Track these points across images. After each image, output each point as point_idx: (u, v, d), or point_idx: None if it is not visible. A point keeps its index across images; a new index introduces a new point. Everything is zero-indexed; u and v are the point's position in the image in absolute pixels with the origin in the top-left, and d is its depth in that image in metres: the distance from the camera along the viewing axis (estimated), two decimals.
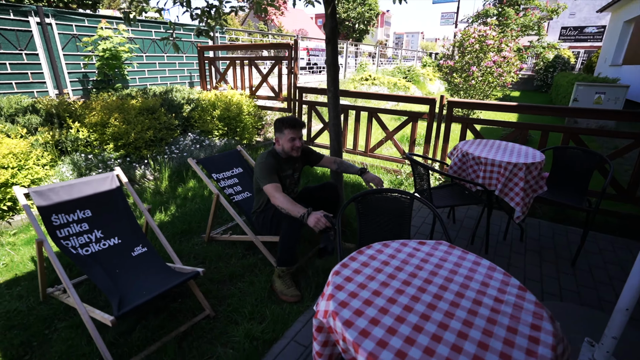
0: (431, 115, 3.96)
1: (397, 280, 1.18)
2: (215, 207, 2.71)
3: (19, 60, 4.51)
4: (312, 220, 1.89)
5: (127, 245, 2.21)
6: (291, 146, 2.33)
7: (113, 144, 3.64)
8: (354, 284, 1.16)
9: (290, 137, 2.31)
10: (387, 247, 1.40)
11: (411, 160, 2.68)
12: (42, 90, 4.78)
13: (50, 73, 4.81)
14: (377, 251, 1.37)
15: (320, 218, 1.87)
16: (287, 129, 2.31)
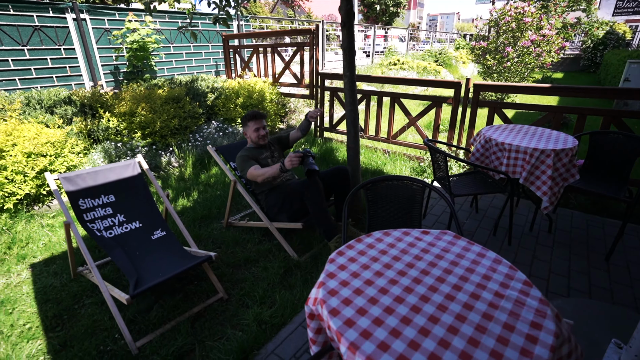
0: (456, 100, 3.76)
1: (392, 270, 1.15)
2: (232, 193, 2.78)
3: (58, 55, 4.80)
4: (287, 163, 2.22)
5: (148, 229, 2.33)
6: (257, 135, 2.60)
7: (140, 133, 3.82)
8: (347, 272, 1.15)
9: (254, 128, 2.60)
10: (387, 236, 1.36)
11: (429, 147, 2.57)
12: (79, 82, 5.07)
13: (86, 66, 5.09)
14: (377, 240, 1.33)
15: (291, 156, 2.21)
16: (250, 122, 2.61)
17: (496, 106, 3.52)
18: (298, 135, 2.94)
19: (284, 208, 2.50)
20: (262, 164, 2.61)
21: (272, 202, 2.58)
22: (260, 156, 2.63)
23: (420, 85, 4.15)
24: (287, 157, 2.23)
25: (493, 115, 3.58)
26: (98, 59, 5.24)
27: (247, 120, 2.63)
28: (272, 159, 2.71)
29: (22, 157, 2.85)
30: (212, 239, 2.80)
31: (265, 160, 2.64)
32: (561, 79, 12.26)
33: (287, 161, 2.23)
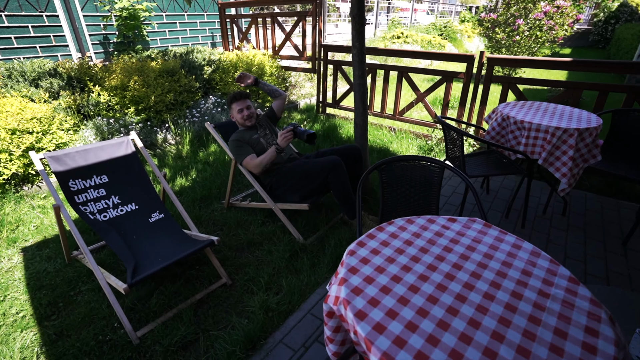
0: (468, 75, 3.56)
1: (420, 264, 1.03)
2: (233, 173, 2.63)
3: (40, 22, 4.47)
4: (281, 142, 2.27)
5: (145, 211, 2.19)
6: (242, 116, 2.53)
7: (134, 108, 3.60)
8: (370, 266, 1.02)
9: (237, 110, 2.53)
10: (411, 224, 1.23)
11: (443, 123, 2.41)
12: (65, 53, 4.77)
13: (72, 35, 4.77)
14: (400, 228, 1.21)
15: (282, 134, 2.26)
16: (233, 104, 2.55)
17: (510, 82, 3.33)
18: (277, 103, 2.79)
19: (298, 186, 2.38)
20: (254, 145, 2.50)
21: (283, 180, 2.44)
22: (252, 137, 2.52)
23: (433, 58, 3.92)
24: (279, 137, 2.27)
25: (507, 92, 3.39)
26: (85, 27, 4.90)
27: (230, 103, 2.57)
28: (264, 137, 2.59)
29: (6, 134, 2.66)
30: (213, 220, 2.67)
31: (257, 141, 2.53)
32: (569, 55, 11.88)
33: (281, 140, 2.27)
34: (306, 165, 2.34)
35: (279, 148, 2.30)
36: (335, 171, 2.25)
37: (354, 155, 2.55)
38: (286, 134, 2.26)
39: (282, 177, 2.43)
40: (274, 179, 2.49)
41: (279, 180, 2.45)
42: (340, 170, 2.26)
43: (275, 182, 2.49)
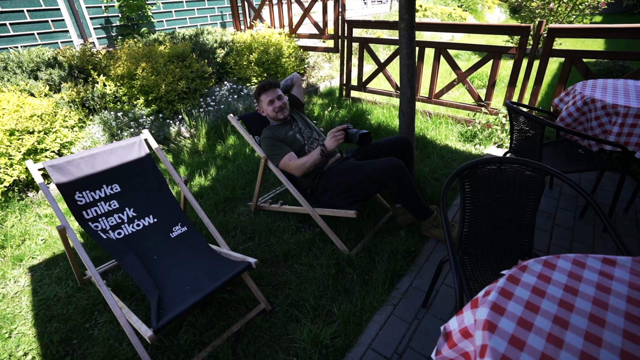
0: (521, 49, 3.08)
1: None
2: (262, 172, 2.27)
3: (37, 6, 4.07)
4: (330, 144, 1.90)
5: (165, 224, 1.87)
6: (273, 109, 2.18)
7: (143, 99, 3.24)
8: (532, 312, 0.67)
9: (268, 101, 2.18)
10: (552, 269, 0.86)
11: (512, 110, 2.00)
12: (66, 40, 4.38)
13: (72, 19, 4.36)
14: (541, 277, 0.84)
15: (332, 135, 1.90)
16: (261, 95, 2.20)
17: (576, 56, 2.85)
18: (295, 89, 2.49)
19: (349, 193, 2.02)
20: (291, 142, 2.17)
21: (329, 185, 2.09)
22: (287, 134, 2.19)
23: (482, 32, 3.44)
24: (327, 138, 1.93)
25: (569, 68, 2.92)
26: (85, 10, 4.49)
27: (258, 95, 2.23)
28: (300, 132, 2.26)
29: (3, 135, 2.34)
30: (241, 227, 2.35)
31: (294, 137, 2.20)
32: (603, 23, 10.99)
33: (330, 141, 1.90)
34: (360, 169, 1.97)
35: (325, 151, 1.94)
36: (399, 178, 1.90)
37: (403, 149, 2.18)
38: (337, 133, 1.89)
39: (329, 181, 2.08)
40: (316, 182, 2.14)
41: (325, 185, 2.10)
42: (404, 176, 1.90)
43: (318, 187, 2.14)
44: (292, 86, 2.44)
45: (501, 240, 1.45)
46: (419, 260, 1.99)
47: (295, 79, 2.46)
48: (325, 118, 3.97)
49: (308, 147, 2.21)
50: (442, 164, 2.97)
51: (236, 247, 2.18)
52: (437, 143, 3.39)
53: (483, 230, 1.44)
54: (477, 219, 1.43)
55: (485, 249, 1.46)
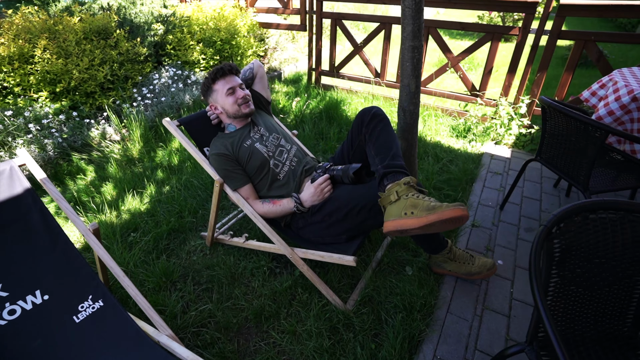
0: (525, 30, 2.63)
1: None
2: (218, 198, 1.62)
3: None
4: (308, 198, 1.45)
5: (63, 302, 1.17)
6: (234, 101, 1.56)
7: (48, 91, 2.37)
8: None
9: (226, 91, 1.56)
10: None
11: (552, 107, 1.52)
12: None
13: None
14: None
15: (316, 189, 1.44)
16: (216, 84, 1.57)
17: (589, 39, 2.44)
18: (257, 81, 1.82)
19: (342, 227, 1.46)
20: (250, 158, 1.57)
21: (313, 218, 1.50)
22: (243, 144, 1.57)
23: (480, 8, 2.93)
24: (307, 192, 1.47)
25: (579, 53, 2.52)
26: None
27: (211, 83, 1.59)
28: (261, 141, 1.62)
29: None
30: (193, 273, 1.70)
31: (251, 149, 1.57)
32: None
33: (311, 197, 1.45)
34: (357, 196, 1.39)
35: (300, 208, 1.48)
36: None
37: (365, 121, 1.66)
38: (323, 186, 1.45)
39: (312, 213, 1.49)
40: (295, 215, 1.55)
41: (305, 217, 1.51)
42: None
43: (296, 220, 1.54)
44: (252, 79, 1.77)
45: (597, 324, 0.96)
46: (438, 315, 1.49)
47: (257, 67, 1.79)
48: (292, 110, 3.32)
49: (275, 161, 1.59)
50: (439, 167, 2.48)
51: (186, 308, 1.54)
52: (428, 140, 2.90)
53: (572, 311, 0.94)
54: (564, 295, 0.92)
55: (574, 338, 0.97)
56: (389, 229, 1.18)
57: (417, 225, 1.11)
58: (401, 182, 1.21)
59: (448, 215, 1.07)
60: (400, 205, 1.17)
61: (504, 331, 1.43)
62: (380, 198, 1.25)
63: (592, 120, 1.34)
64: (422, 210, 1.12)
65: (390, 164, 1.29)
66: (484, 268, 1.55)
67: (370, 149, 1.38)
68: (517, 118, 2.77)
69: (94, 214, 2.03)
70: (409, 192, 1.19)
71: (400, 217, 1.16)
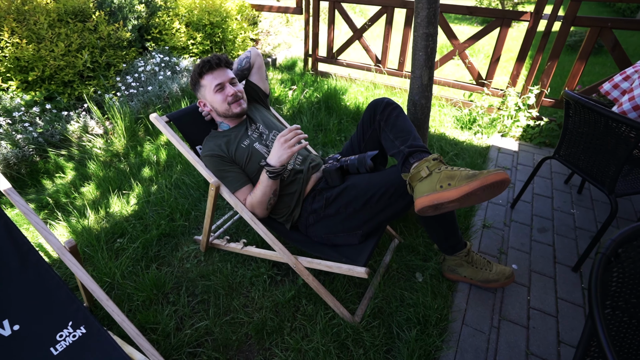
0: (538, 15, 2.48)
1: None
2: (214, 202, 1.47)
3: None
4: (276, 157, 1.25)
5: (38, 332, 1.03)
6: (223, 98, 1.40)
7: (18, 79, 2.14)
8: None
9: (215, 87, 1.39)
10: None
11: (578, 102, 1.39)
12: None
13: None
14: None
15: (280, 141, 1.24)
16: (205, 77, 1.40)
17: (605, 25, 2.30)
18: (255, 72, 1.63)
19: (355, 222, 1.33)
20: (247, 159, 1.41)
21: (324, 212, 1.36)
22: (240, 144, 1.41)
23: None
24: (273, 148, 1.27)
25: (594, 41, 2.39)
26: None
27: (199, 77, 1.42)
28: (260, 140, 1.46)
29: None
30: (187, 282, 1.57)
31: (250, 149, 1.42)
32: None
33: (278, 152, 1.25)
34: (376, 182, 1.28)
35: (272, 170, 1.26)
36: None
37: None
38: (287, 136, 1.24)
39: (321, 209, 1.37)
40: (298, 214, 1.42)
41: (313, 216, 1.38)
42: None
43: (303, 219, 1.41)
44: (249, 69, 1.59)
45: None
46: (453, 327, 1.39)
47: (254, 56, 1.61)
48: (288, 100, 3.14)
49: None
50: (446, 161, 2.36)
51: (181, 324, 1.40)
52: (432, 132, 2.77)
53: (621, 344, 0.84)
54: (613, 327, 0.81)
55: None
56: (424, 204, 1.08)
57: (458, 195, 1.02)
58: (429, 158, 1.13)
59: (492, 180, 0.99)
60: (434, 179, 1.08)
61: (523, 344, 1.34)
62: (409, 177, 1.15)
63: (631, 120, 1.21)
64: (461, 179, 1.03)
65: (413, 144, 1.20)
66: (502, 276, 1.45)
67: (388, 134, 1.29)
68: (525, 109, 2.65)
69: (75, 218, 1.85)
70: (440, 166, 1.10)
71: (435, 191, 1.06)
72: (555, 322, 1.40)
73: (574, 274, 1.60)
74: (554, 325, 1.39)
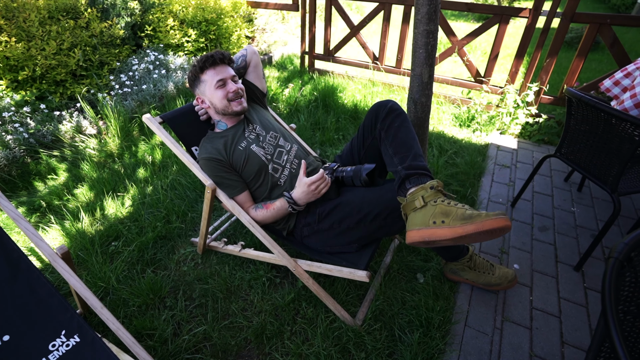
0: (537, 11, 2.46)
1: None
2: (211, 205, 1.43)
3: None
4: (301, 196, 1.25)
5: (29, 342, 0.99)
6: (224, 95, 1.36)
7: (8, 79, 2.09)
8: None
9: (216, 83, 1.35)
10: None
11: (581, 100, 1.37)
12: None
13: None
14: None
15: (311, 185, 1.22)
16: (205, 73, 1.36)
17: (604, 22, 2.29)
18: (252, 70, 1.58)
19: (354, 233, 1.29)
20: (245, 162, 1.36)
21: (322, 224, 1.33)
22: (237, 147, 1.37)
23: None
24: (300, 188, 1.26)
25: (593, 38, 2.37)
26: None
27: (200, 72, 1.36)
28: (257, 138, 1.42)
29: None
30: (184, 286, 1.53)
31: (247, 152, 1.37)
32: None
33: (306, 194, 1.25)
34: (371, 200, 1.24)
35: (295, 208, 1.30)
36: None
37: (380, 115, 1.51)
38: (319, 183, 1.23)
39: (318, 220, 1.33)
40: (294, 222, 1.38)
41: (310, 224, 1.35)
42: None
43: (300, 228, 1.38)
44: (245, 68, 1.55)
45: None
46: (456, 329, 1.37)
47: (250, 54, 1.57)
48: (284, 98, 3.10)
49: (274, 165, 1.40)
50: (444, 160, 2.34)
51: (178, 330, 1.37)
52: (430, 129, 2.75)
53: (635, 349, 0.82)
54: (626, 332, 0.79)
55: None
56: (414, 239, 1.03)
57: (450, 236, 0.97)
58: (427, 185, 1.06)
59: (489, 227, 0.92)
60: (428, 213, 1.02)
61: (527, 346, 1.32)
62: (403, 204, 1.09)
63: (636, 118, 1.19)
64: (456, 219, 0.97)
65: (413, 164, 1.13)
66: (504, 279, 1.43)
67: (388, 148, 1.22)
68: (524, 107, 2.63)
69: (69, 221, 1.81)
70: (437, 198, 1.04)
71: (427, 227, 1.01)
72: (559, 322, 1.39)
73: (576, 274, 1.59)
74: (557, 326, 1.37)
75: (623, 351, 0.60)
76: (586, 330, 1.36)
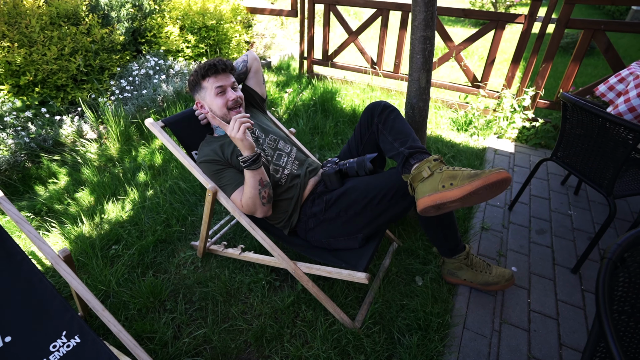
0: (532, 17, 2.49)
1: None
2: (211, 207, 1.45)
3: None
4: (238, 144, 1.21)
5: (29, 343, 1.00)
6: (224, 103, 1.38)
7: (10, 84, 2.10)
8: None
9: (216, 89, 1.37)
10: None
11: (576, 104, 1.40)
12: None
13: None
14: None
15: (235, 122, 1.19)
16: (206, 80, 1.38)
17: (598, 27, 2.32)
18: (252, 75, 1.62)
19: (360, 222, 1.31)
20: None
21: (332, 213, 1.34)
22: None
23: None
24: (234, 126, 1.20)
25: (587, 43, 2.41)
26: None
27: (201, 79, 1.39)
28: (256, 141, 1.44)
29: None
30: (184, 289, 1.54)
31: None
32: None
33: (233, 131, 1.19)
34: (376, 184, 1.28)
35: (245, 159, 1.21)
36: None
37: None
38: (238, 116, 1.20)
39: (320, 215, 1.36)
40: (296, 219, 1.41)
41: (319, 215, 1.36)
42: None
43: (302, 224, 1.39)
44: (246, 73, 1.58)
45: None
46: (455, 331, 1.38)
47: (251, 60, 1.59)
48: (283, 103, 3.13)
49: (274, 167, 1.42)
50: None
51: (178, 333, 1.38)
52: (429, 134, 2.78)
53: (629, 350, 0.83)
54: (620, 332, 0.81)
55: None
56: (426, 204, 1.08)
57: (460, 194, 1.02)
58: (430, 158, 1.13)
59: (494, 179, 0.99)
60: (436, 180, 1.07)
61: (525, 348, 1.33)
62: (410, 177, 1.15)
63: (629, 122, 1.22)
64: (463, 179, 1.03)
65: (413, 145, 1.21)
66: (502, 278, 1.44)
67: (387, 137, 1.30)
68: (521, 111, 2.66)
69: (69, 225, 1.82)
70: (442, 166, 1.10)
71: (437, 191, 1.06)
72: (556, 324, 1.40)
73: (574, 276, 1.60)
74: (555, 328, 1.39)
75: (617, 350, 0.62)
76: (584, 332, 1.37)
